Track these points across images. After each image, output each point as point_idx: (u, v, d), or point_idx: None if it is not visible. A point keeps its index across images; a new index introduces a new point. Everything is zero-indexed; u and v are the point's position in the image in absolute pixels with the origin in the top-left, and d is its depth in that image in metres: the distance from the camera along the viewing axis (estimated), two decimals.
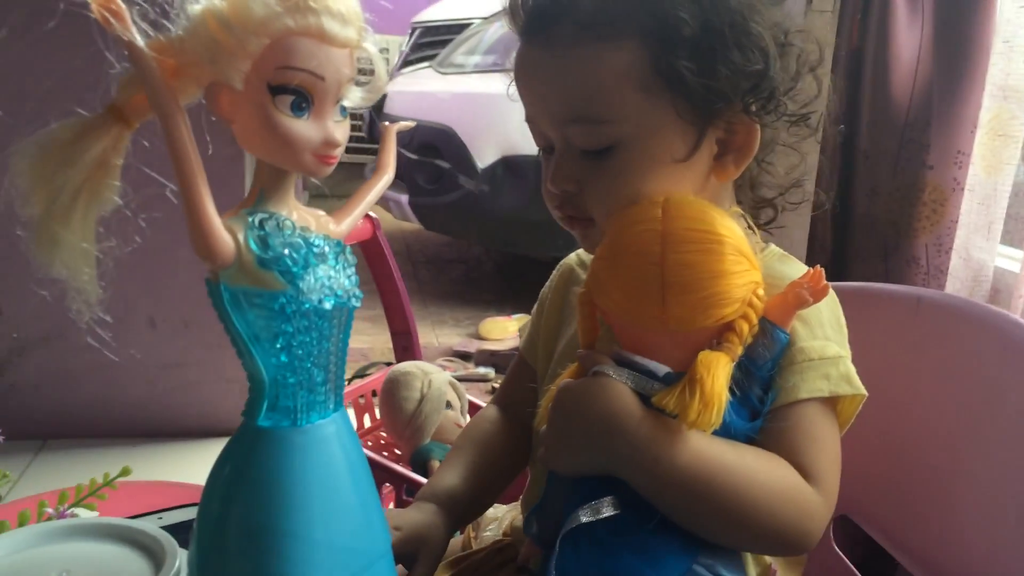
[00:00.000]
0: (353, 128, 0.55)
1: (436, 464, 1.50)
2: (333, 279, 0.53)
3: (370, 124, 3.70)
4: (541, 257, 3.15)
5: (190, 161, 0.48)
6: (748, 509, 0.59)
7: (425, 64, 3.56)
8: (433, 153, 3.20)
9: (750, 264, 0.60)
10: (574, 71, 0.64)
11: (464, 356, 2.88)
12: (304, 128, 0.51)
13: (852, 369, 0.66)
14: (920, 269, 1.72)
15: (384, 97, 3.55)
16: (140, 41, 0.48)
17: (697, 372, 0.56)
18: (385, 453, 1.65)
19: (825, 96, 0.71)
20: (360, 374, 2.56)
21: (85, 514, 0.71)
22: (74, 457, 1.94)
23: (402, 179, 3.34)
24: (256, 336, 0.51)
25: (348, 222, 0.57)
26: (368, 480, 0.56)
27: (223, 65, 0.49)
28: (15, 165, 0.49)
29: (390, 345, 1.91)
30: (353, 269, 0.55)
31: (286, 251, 0.50)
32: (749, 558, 0.68)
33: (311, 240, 0.53)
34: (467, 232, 3.38)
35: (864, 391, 0.66)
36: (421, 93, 3.42)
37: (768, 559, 0.72)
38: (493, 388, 2.43)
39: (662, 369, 0.60)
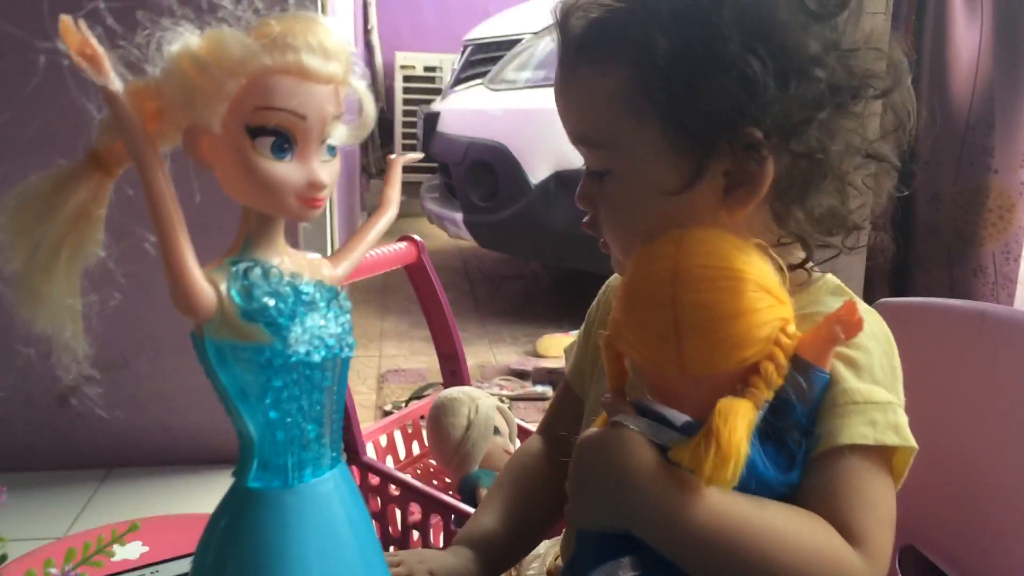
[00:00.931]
0: (409, 148, 0.52)
1: (484, 492, 1.47)
2: (323, 329, 0.50)
3: (424, 143, 3.70)
4: (598, 271, 3.10)
5: (168, 211, 0.45)
6: (776, 574, 0.54)
7: (477, 81, 3.54)
8: (486, 170, 3.17)
9: (775, 299, 0.55)
10: (573, 93, 0.63)
11: (521, 374, 2.84)
12: (286, 171, 0.48)
13: (903, 418, 0.60)
14: (987, 279, 1.63)
15: (437, 115, 3.55)
16: (118, 85, 0.46)
17: (713, 423, 0.51)
18: (435, 481, 1.62)
19: (909, 124, 0.63)
20: (417, 395, 2.54)
21: (92, 571, 0.70)
22: (138, 485, 1.96)
23: (457, 197, 3.33)
24: (244, 392, 0.48)
25: (345, 265, 0.54)
26: (372, 540, 0.53)
27: (200, 108, 0.46)
28: None
29: None
30: (348, 316, 0.52)
31: (271, 301, 0.48)
32: None
33: (300, 288, 0.50)
34: (522, 249, 3.35)
35: (915, 444, 0.60)
36: (473, 110, 3.40)
37: None
38: None
39: (680, 418, 0.55)
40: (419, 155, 0.67)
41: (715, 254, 0.54)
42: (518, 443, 1.61)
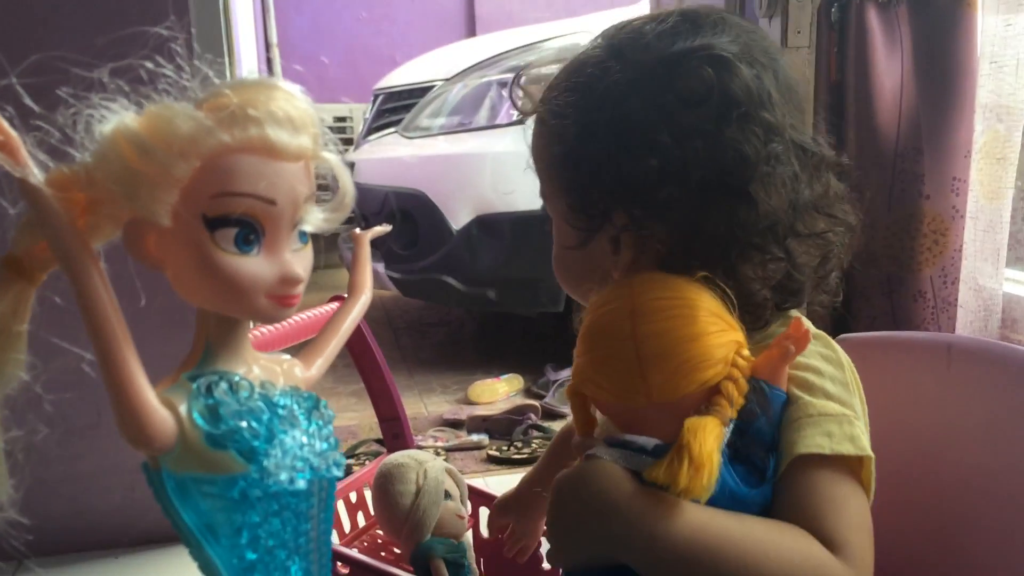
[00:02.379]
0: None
1: (440, 563, 1.39)
2: (307, 447, 0.42)
3: None
4: (524, 313, 3.06)
5: (108, 322, 0.37)
6: None
7: (391, 130, 3.49)
8: (406, 218, 3.11)
9: (727, 325, 0.58)
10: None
11: (455, 424, 2.76)
12: (254, 267, 0.40)
13: (859, 430, 0.62)
14: (927, 303, 1.64)
15: (352, 166, 3.48)
16: (36, 176, 0.38)
17: (684, 438, 0.54)
18: (383, 553, 1.53)
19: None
20: (350, 454, 2.44)
21: None
22: None
23: (377, 248, 3.26)
24: (213, 531, 0.40)
25: (320, 364, 0.47)
26: None
27: (143, 198, 0.38)
28: None
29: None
30: (331, 428, 0.44)
31: (243, 422, 0.40)
32: None
33: (275, 401, 0.42)
34: (447, 296, 3.29)
35: (871, 454, 0.61)
36: (388, 159, 3.34)
37: None
38: (488, 455, 2.31)
39: (651, 443, 0.58)
40: (386, 228, 0.60)
41: (667, 287, 0.58)
42: (470, 506, 1.53)
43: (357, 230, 0.55)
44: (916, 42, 1.62)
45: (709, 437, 0.55)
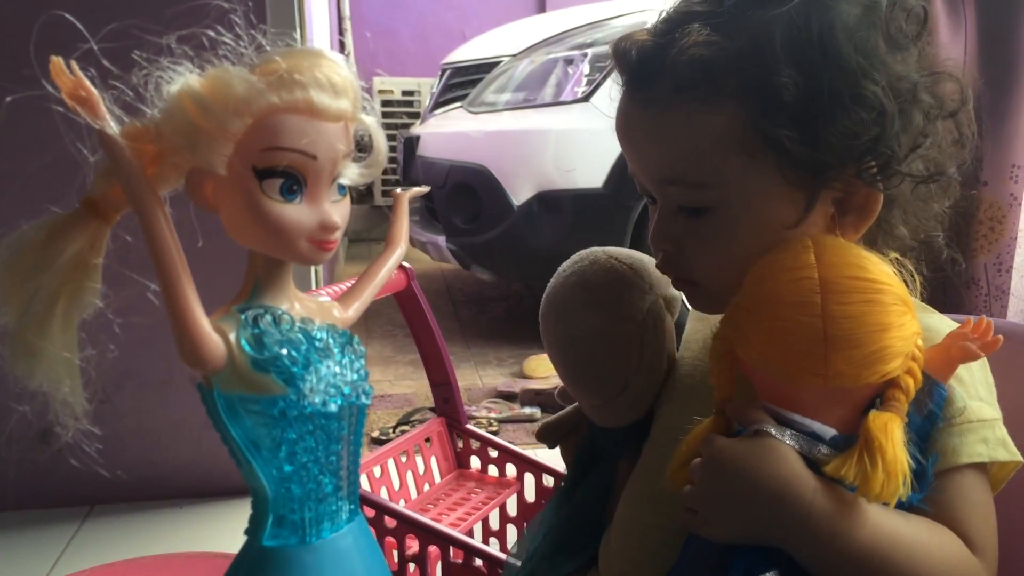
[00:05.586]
0: (388, 171, 0.50)
1: None
2: (339, 376, 0.47)
3: (404, 167, 3.68)
4: None
5: (172, 258, 0.43)
6: None
7: (456, 104, 3.53)
8: (468, 192, 3.16)
9: (911, 314, 0.54)
10: (671, 132, 0.60)
11: (509, 396, 2.81)
12: (297, 213, 0.46)
13: (1006, 433, 0.60)
14: (980, 290, 1.63)
15: (417, 139, 3.53)
16: (113, 128, 0.43)
17: (874, 438, 0.51)
18: (430, 505, 1.59)
19: (968, 143, 0.62)
20: (405, 421, 2.50)
21: None
22: (122, 522, 1.92)
23: (439, 220, 3.31)
24: (256, 445, 0.46)
25: (356, 307, 0.52)
26: None
27: (203, 150, 0.44)
28: None
29: None
30: (362, 361, 0.50)
31: (284, 350, 0.45)
32: None
33: (313, 334, 0.47)
34: (507, 270, 3.33)
35: (1020, 457, 0.60)
36: (453, 133, 3.38)
37: None
38: None
39: (828, 432, 0.54)
40: (425, 188, 0.65)
41: (858, 265, 0.53)
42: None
43: (398, 190, 0.59)
44: (981, 25, 1.60)
45: (899, 439, 0.52)
